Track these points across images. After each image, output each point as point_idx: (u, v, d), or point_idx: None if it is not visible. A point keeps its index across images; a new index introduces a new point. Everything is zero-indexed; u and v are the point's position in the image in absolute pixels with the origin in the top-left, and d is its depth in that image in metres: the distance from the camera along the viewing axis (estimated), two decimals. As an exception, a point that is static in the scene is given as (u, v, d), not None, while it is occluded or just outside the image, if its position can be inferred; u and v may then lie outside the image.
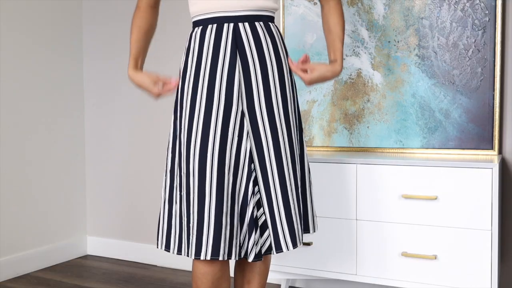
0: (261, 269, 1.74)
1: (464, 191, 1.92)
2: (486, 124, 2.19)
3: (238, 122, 1.56)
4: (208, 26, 1.59)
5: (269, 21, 1.64)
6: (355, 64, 2.41)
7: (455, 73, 2.23)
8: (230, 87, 1.56)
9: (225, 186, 1.54)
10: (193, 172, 1.54)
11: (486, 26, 2.17)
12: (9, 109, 2.78)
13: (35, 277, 2.80)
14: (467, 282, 1.92)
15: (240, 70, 1.56)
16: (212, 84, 1.56)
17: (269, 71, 1.59)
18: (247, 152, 1.56)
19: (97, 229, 3.21)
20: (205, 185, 1.53)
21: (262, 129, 1.58)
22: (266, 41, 1.60)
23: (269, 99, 1.59)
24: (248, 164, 1.57)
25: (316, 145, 2.49)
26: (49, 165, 3.00)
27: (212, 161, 1.53)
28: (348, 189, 2.10)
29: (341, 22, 1.73)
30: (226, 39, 1.57)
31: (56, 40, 3.02)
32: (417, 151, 2.31)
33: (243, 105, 1.57)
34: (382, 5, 2.35)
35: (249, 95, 1.57)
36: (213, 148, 1.54)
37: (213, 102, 1.56)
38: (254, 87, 1.57)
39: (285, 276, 2.29)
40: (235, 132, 1.56)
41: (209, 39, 1.58)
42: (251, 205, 1.56)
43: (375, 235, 2.06)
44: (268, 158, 1.58)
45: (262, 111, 1.58)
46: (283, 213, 1.59)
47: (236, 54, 1.57)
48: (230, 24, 1.57)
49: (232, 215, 1.55)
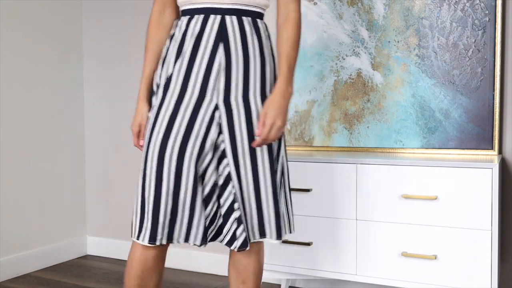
0: (255, 269, 1.73)
1: (464, 191, 1.92)
2: (486, 124, 2.19)
3: (209, 114, 1.54)
4: (195, 16, 1.57)
5: (258, 17, 1.61)
6: (355, 64, 2.41)
7: (455, 73, 2.23)
8: (206, 78, 1.54)
9: (183, 175, 1.53)
10: (152, 157, 1.54)
11: (486, 26, 2.17)
12: (9, 109, 2.78)
13: (35, 277, 2.80)
14: (467, 282, 1.92)
15: (222, 62, 1.54)
16: (189, 72, 1.55)
17: (251, 69, 1.57)
18: (213, 145, 1.55)
19: (97, 229, 3.21)
20: (162, 172, 1.52)
21: (238, 126, 1.55)
22: (252, 38, 1.58)
23: (247, 97, 1.56)
24: (218, 158, 1.56)
25: (316, 145, 2.50)
26: (49, 165, 3.00)
27: (173, 148, 1.52)
28: (348, 189, 2.10)
29: (294, 36, 1.59)
30: (210, 30, 1.55)
31: (56, 40, 3.02)
32: (417, 151, 2.31)
33: (218, 98, 1.55)
34: (382, 5, 2.35)
35: (227, 89, 1.55)
36: (176, 136, 1.53)
37: (186, 92, 1.54)
38: (233, 83, 1.55)
39: (285, 276, 2.29)
40: (203, 124, 1.54)
41: (194, 28, 1.56)
42: (224, 196, 1.57)
43: (375, 235, 2.06)
44: (242, 155, 1.56)
45: (239, 108, 1.55)
46: (254, 208, 1.58)
47: (219, 46, 1.54)
48: (217, 16, 1.55)
49: (177, 201, 1.54)
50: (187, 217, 1.56)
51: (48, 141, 2.99)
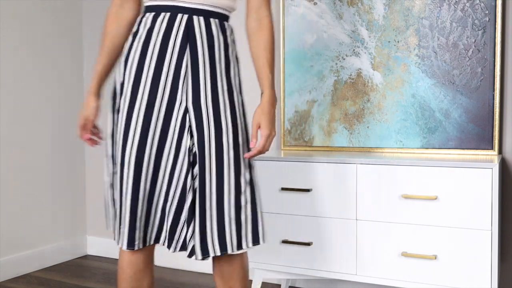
0: (239, 275, 1.68)
1: (464, 191, 1.92)
2: (486, 124, 2.19)
3: (180, 118, 1.52)
4: (161, 13, 1.53)
5: (225, 20, 1.59)
6: (355, 64, 2.41)
7: (455, 73, 2.23)
8: (176, 80, 1.51)
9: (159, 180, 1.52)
10: (129, 163, 1.50)
11: (486, 26, 2.17)
12: (9, 109, 2.78)
13: (35, 277, 2.80)
14: (467, 282, 1.92)
15: (189, 64, 1.52)
16: (157, 75, 1.51)
17: (218, 71, 1.54)
18: (187, 149, 1.52)
19: (97, 229, 3.21)
20: (140, 177, 1.51)
21: (207, 129, 1.52)
22: (219, 39, 1.55)
23: (216, 100, 1.54)
24: (188, 161, 1.52)
25: (316, 145, 2.49)
26: (49, 165, 3.00)
27: (150, 155, 1.51)
28: (348, 189, 2.10)
29: (271, 43, 1.60)
30: (177, 30, 1.51)
31: (56, 40, 3.02)
32: (417, 151, 2.31)
33: (187, 101, 1.52)
34: (382, 5, 2.35)
35: (196, 92, 1.52)
36: (152, 142, 1.51)
37: (157, 95, 1.51)
38: (201, 86, 1.52)
39: (285, 276, 2.29)
40: (176, 128, 1.52)
41: (159, 27, 1.52)
42: (189, 201, 1.53)
43: (375, 235, 2.06)
44: (209, 160, 1.51)
45: (208, 111, 1.52)
46: (215, 216, 1.53)
47: (186, 47, 1.51)
48: (184, 15, 1.52)
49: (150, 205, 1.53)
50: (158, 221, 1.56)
51: (48, 141, 2.99)
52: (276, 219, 2.23)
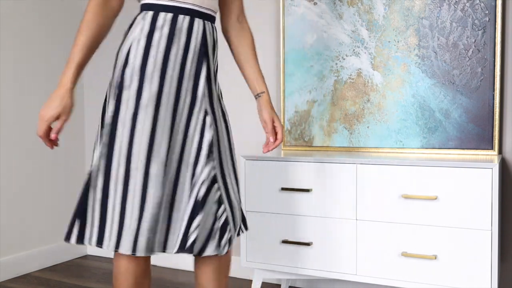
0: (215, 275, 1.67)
1: (464, 191, 1.92)
2: (486, 124, 2.19)
3: (200, 121, 1.54)
4: (160, 13, 1.50)
5: (214, 22, 1.61)
6: (355, 64, 2.41)
7: (455, 73, 2.23)
8: (180, 81, 1.52)
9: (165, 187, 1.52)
10: (137, 167, 1.47)
11: (486, 26, 2.17)
12: (9, 109, 2.78)
13: (35, 277, 2.80)
14: (467, 282, 1.92)
15: (193, 66, 1.55)
16: (163, 76, 1.49)
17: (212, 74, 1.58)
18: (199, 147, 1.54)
19: (97, 229, 3.21)
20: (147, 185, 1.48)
21: (221, 132, 1.59)
22: (212, 43, 1.58)
23: (219, 102, 1.61)
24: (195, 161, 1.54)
25: (316, 145, 2.49)
26: (49, 165, 3.00)
27: (158, 158, 1.49)
28: (348, 189, 2.10)
29: (254, 47, 1.73)
30: (180, 32, 1.51)
31: (56, 40, 3.02)
32: (417, 151, 2.30)
33: (207, 104, 1.56)
34: (382, 5, 2.35)
35: (210, 95, 1.57)
36: (160, 145, 1.49)
37: (162, 96, 1.49)
38: (213, 88, 1.58)
39: (285, 276, 2.29)
40: (196, 130, 1.54)
41: (162, 29, 1.50)
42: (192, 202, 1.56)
43: (375, 235, 2.06)
44: (226, 163, 1.58)
45: (219, 114, 1.59)
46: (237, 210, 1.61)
47: (189, 49, 1.52)
48: (185, 17, 1.51)
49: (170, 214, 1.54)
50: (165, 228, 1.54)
51: (48, 141, 2.99)
52: (276, 219, 2.23)
